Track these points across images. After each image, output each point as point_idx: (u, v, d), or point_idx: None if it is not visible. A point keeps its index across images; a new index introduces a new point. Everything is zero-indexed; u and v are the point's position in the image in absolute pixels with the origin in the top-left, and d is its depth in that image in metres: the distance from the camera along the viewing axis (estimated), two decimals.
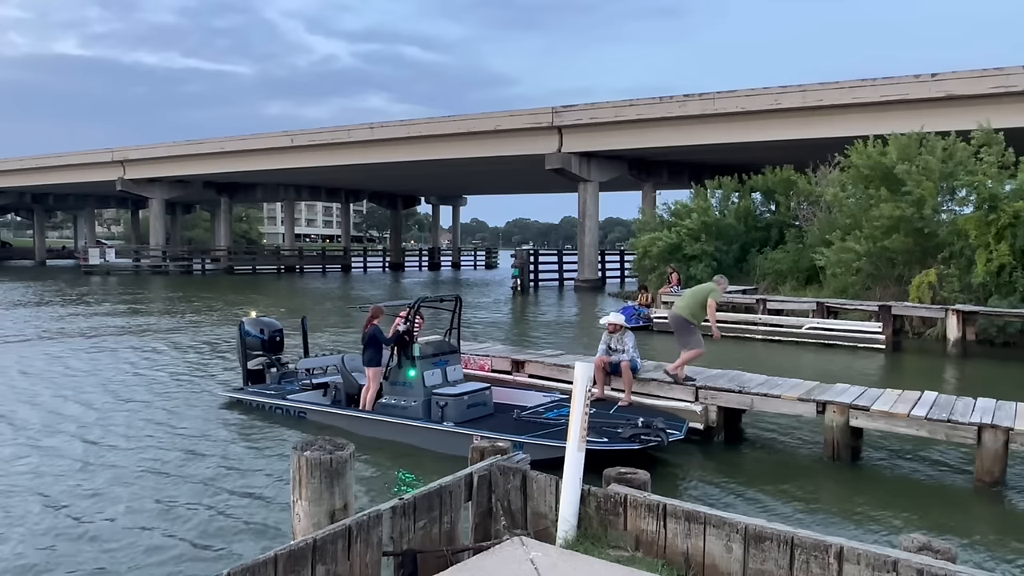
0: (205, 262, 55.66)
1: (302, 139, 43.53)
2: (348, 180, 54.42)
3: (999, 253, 17.57)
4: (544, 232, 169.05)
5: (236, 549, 6.04)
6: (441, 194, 68.63)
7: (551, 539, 4.19)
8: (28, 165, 56.67)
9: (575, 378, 4.39)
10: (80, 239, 76.20)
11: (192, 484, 7.67)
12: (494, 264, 70.25)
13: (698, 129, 31.23)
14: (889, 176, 20.43)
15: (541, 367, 11.09)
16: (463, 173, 46.70)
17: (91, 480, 7.78)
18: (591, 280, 37.63)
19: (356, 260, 63.58)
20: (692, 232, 27.09)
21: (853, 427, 8.42)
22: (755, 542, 3.78)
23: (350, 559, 3.68)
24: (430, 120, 39.35)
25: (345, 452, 4.17)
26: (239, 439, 9.46)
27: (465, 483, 4.44)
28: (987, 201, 18.01)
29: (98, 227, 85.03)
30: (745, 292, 22.93)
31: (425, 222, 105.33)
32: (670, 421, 8.53)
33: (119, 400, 11.55)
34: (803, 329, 18.42)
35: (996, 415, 7.83)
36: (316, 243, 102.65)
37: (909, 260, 20.08)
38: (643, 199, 37.59)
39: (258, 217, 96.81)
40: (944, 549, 3.64)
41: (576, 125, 34.54)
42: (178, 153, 49.18)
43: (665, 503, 4.10)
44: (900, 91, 26.08)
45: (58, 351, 16.46)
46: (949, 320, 16.98)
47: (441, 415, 8.91)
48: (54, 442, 9.18)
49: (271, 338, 11.77)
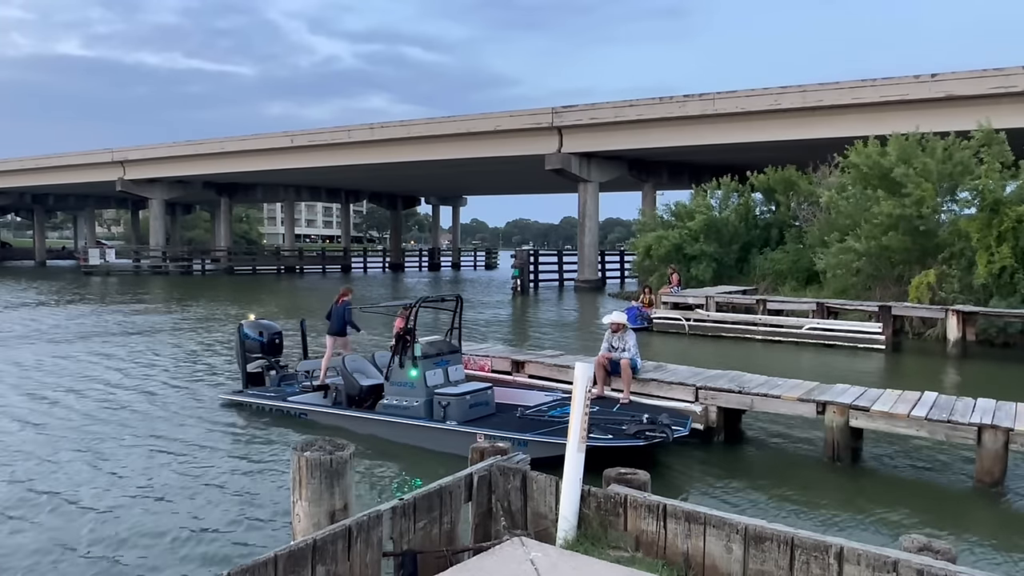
0: (205, 262, 55.68)
1: (302, 139, 43.54)
2: (348, 180, 54.42)
3: (1001, 255, 17.61)
4: (544, 232, 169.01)
5: (236, 549, 6.04)
6: (441, 194, 68.65)
7: (551, 539, 4.19)
8: (28, 165, 56.71)
9: (575, 378, 4.39)
10: (80, 239, 76.26)
11: (192, 485, 7.67)
12: (494, 264, 70.25)
13: (698, 129, 31.24)
14: (888, 177, 20.44)
15: (541, 367, 11.10)
16: (463, 173, 46.70)
17: (89, 482, 7.78)
18: (591, 280, 37.64)
19: (356, 260, 63.59)
20: (693, 232, 27.14)
21: (853, 427, 8.43)
22: (755, 542, 3.78)
23: (350, 559, 3.68)
24: (430, 120, 39.37)
25: (345, 453, 4.17)
26: (238, 440, 9.46)
27: (465, 483, 4.44)
28: (991, 204, 18.02)
29: (98, 227, 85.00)
30: (745, 292, 22.95)
31: (425, 222, 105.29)
32: (674, 418, 8.54)
33: (118, 402, 11.54)
34: (803, 329, 18.42)
35: (996, 415, 7.83)
36: (316, 243, 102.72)
37: (909, 260, 20.08)
38: (643, 199, 37.61)
39: (258, 217, 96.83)
40: (944, 550, 3.64)
41: (576, 125, 34.56)
42: (178, 153, 49.20)
43: (665, 503, 4.10)
44: (900, 91, 26.09)
45: (56, 352, 16.45)
46: (949, 320, 16.98)
47: (443, 415, 8.91)
48: (49, 444, 9.18)
49: (270, 341, 11.75)
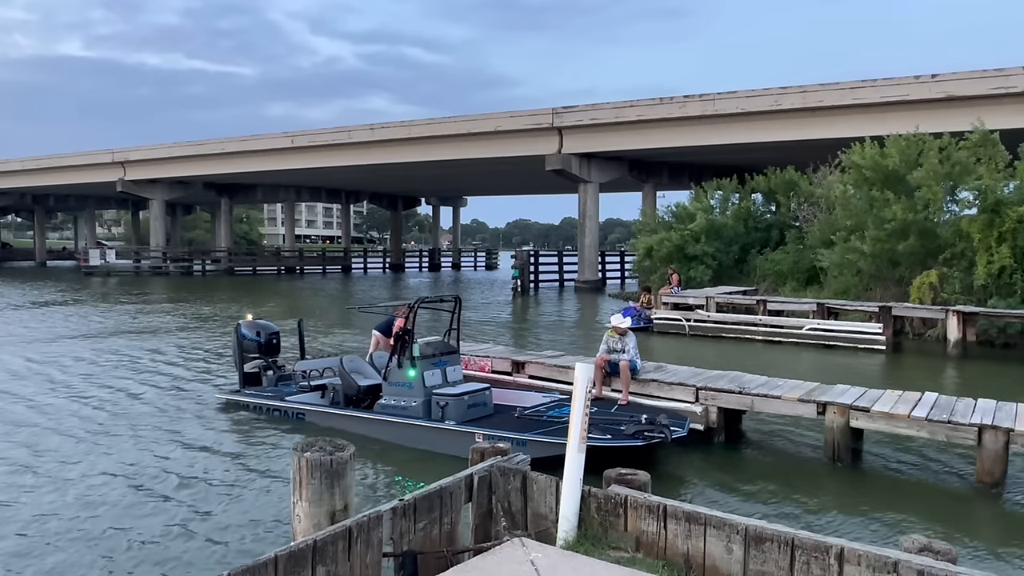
0: (205, 263, 55.64)
1: (302, 140, 43.53)
2: (349, 181, 54.41)
3: (1001, 256, 17.62)
4: (544, 233, 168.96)
5: (236, 550, 6.03)
6: (441, 195, 68.63)
7: (551, 540, 4.19)
8: (29, 166, 56.72)
9: (575, 379, 4.39)
10: (80, 240, 76.25)
11: (191, 486, 7.66)
12: (494, 265, 70.22)
13: (698, 130, 31.23)
14: (891, 178, 20.44)
15: (541, 368, 11.09)
16: (463, 174, 46.69)
17: (87, 483, 7.76)
18: (591, 281, 37.63)
19: (356, 261, 63.57)
20: (694, 233, 27.14)
21: (854, 428, 8.42)
22: (755, 543, 3.78)
23: (350, 560, 3.68)
24: (430, 121, 39.34)
25: (345, 453, 4.17)
26: (237, 441, 9.45)
27: (465, 484, 4.44)
28: (992, 205, 18.03)
29: (98, 228, 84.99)
30: (745, 293, 22.95)
31: (425, 223, 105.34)
32: (673, 419, 8.54)
33: (114, 402, 11.53)
34: (803, 330, 18.41)
35: (996, 416, 7.82)
36: (316, 244, 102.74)
37: (911, 261, 20.09)
38: (643, 200, 37.61)
39: (258, 218, 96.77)
40: (945, 550, 3.64)
41: (576, 126, 34.55)
42: (178, 154, 49.19)
43: (665, 504, 4.10)
44: (900, 92, 26.07)
45: (55, 352, 16.45)
46: (949, 321, 16.97)
47: (441, 415, 8.90)
48: (40, 442, 9.17)
49: (267, 341, 11.72)
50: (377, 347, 11.69)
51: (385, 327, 11.69)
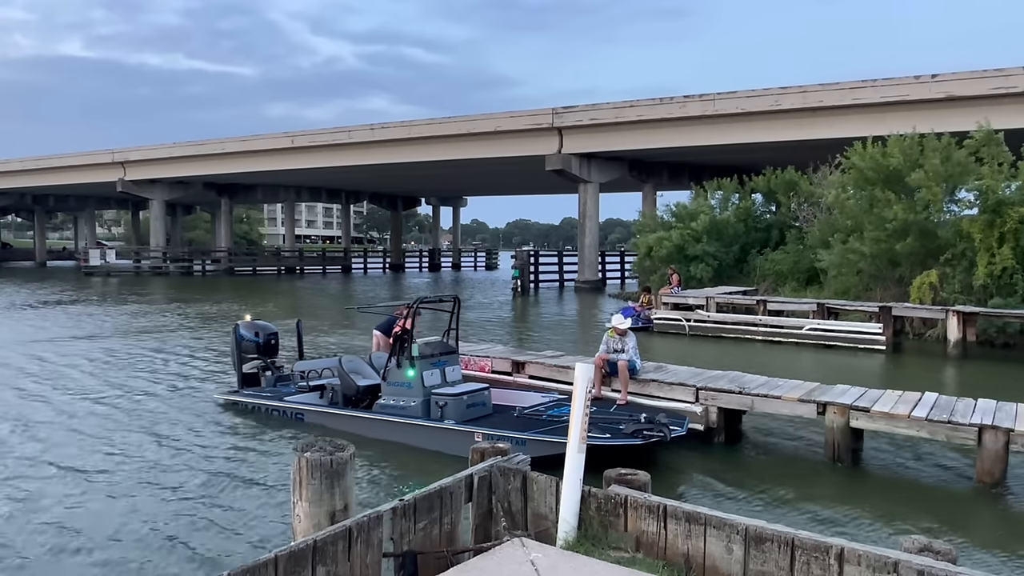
0: (205, 263, 55.65)
1: (303, 140, 43.54)
2: (349, 181, 54.42)
3: (1001, 256, 17.62)
4: (544, 233, 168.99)
5: (236, 550, 6.03)
6: (441, 195, 68.63)
7: (551, 540, 4.19)
8: (29, 166, 56.73)
9: (575, 379, 4.39)
10: (80, 240, 76.24)
11: (190, 486, 7.66)
12: (494, 265, 70.22)
13: (698, 130, 31.24)
14: (891, 178, 20.43)
15: (541, 368, 11.09)
16: (463, 174, 46.70)
17: (86, 484, 7.76)
18: (591, 281, 37.64)
19: (356, 261, 63.58)
20: (695, 232, 27.14)
21: (854, 428, 8.42)
22: (756, 543, 3.78)
23: (350, 560, 3.67)
24: (430, 121, 39.34)
25: (346, 453, 4.17)
26: (236, 441, 9.45)
27: (465, 484, 4.44)
28: (993, 205, 18.03)
29: (98, 228, 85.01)
30: (745, 293, 22.94)
31: (425, 223, 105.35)
32: (672, 418, 8.55)
33: (112, 402, 11.52)
34: (803, 330, 18.41)
35: (996, 416, 7.83)
36: (316, 244, 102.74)
37: (911, 261, 20.08)
38: (643, 200, 37.61)
39: (258, 218, 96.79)
40: (945, 550, 3.64)
41: (576, 126, 34.55)
42: (178, 154, 49.20)
43: (666, 504, 4.10)
44: (900, 92, 26.07)
45: (54, 352, 16.44)
46: (949, 321, 16.97)
47: (441, 415, 8.91)
48: (39, 443, 9.17)
49: (266, 341, 11.72)
50: (379, 347, 11.71)
51: (386, 327, 11.70)
